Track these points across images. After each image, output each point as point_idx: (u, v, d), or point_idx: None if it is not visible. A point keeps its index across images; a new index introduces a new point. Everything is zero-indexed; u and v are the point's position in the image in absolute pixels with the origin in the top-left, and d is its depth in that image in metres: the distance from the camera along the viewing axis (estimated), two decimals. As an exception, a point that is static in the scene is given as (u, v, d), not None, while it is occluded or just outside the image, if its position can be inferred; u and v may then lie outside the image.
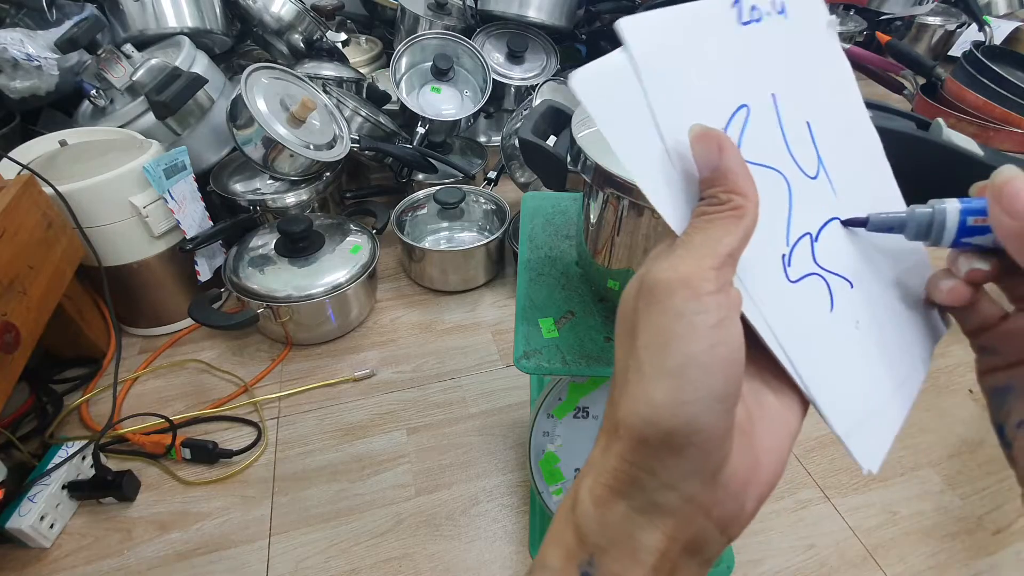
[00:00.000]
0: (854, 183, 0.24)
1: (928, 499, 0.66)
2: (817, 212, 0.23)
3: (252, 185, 0.95)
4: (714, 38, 0.21)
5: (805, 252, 0.22)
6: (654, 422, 0.17)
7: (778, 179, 0.22)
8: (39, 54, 0.83)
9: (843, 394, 0.22)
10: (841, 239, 0.24)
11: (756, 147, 0.21)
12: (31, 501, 0.60)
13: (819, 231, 0.23)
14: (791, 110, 0.22)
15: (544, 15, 1.22)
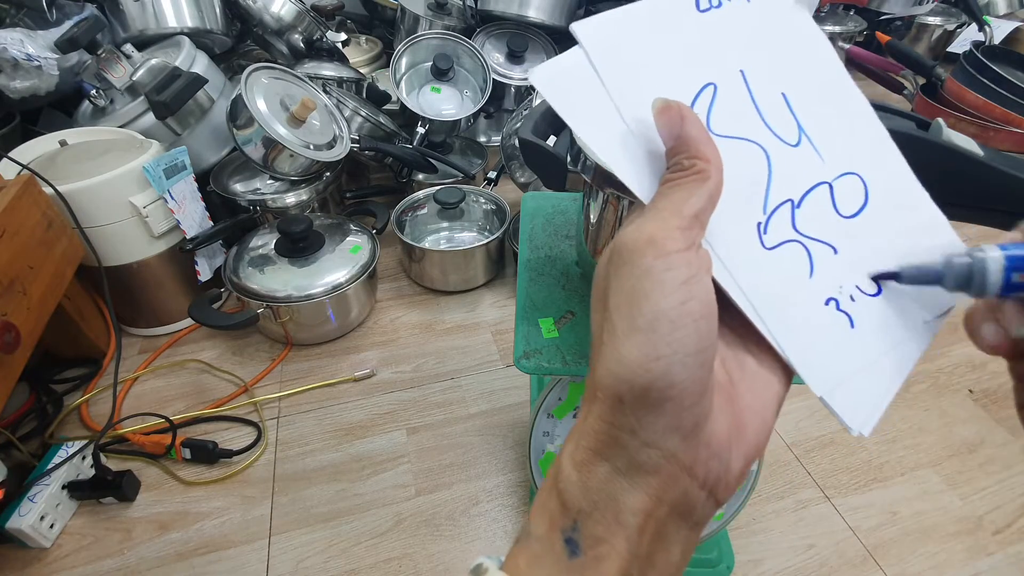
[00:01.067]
0: (843, 147, 0.24)
1: (928, 499, 0.66)
2: (801, 179, 0.23)
3: (252, 185, 0.95)
4: (672, 25, 0.22)
5: (784, 219, 0.23)
6: (628, 379, 0.18)
7: (754, 149, 0.22)
8: (39, 54, 0.83)
9: (823, 354, 0.22)
10: (827, 205, 0.24)
11: (726, 121, 0.22)
12: (31, 501, 0.60)
13: (802, 197, 0.23)
14: (763, 84, 0.23)
15: (544, 15, 1.22)
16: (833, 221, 0.23)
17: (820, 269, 0.23)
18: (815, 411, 0.75)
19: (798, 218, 0.23)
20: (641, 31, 0.22)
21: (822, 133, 0.24)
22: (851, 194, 0.24)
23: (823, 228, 0.23)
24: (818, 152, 0.23)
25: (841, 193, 0.24)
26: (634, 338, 0.18)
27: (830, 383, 0.22)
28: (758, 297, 0.22)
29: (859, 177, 0.24)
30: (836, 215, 0.23)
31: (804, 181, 0.23)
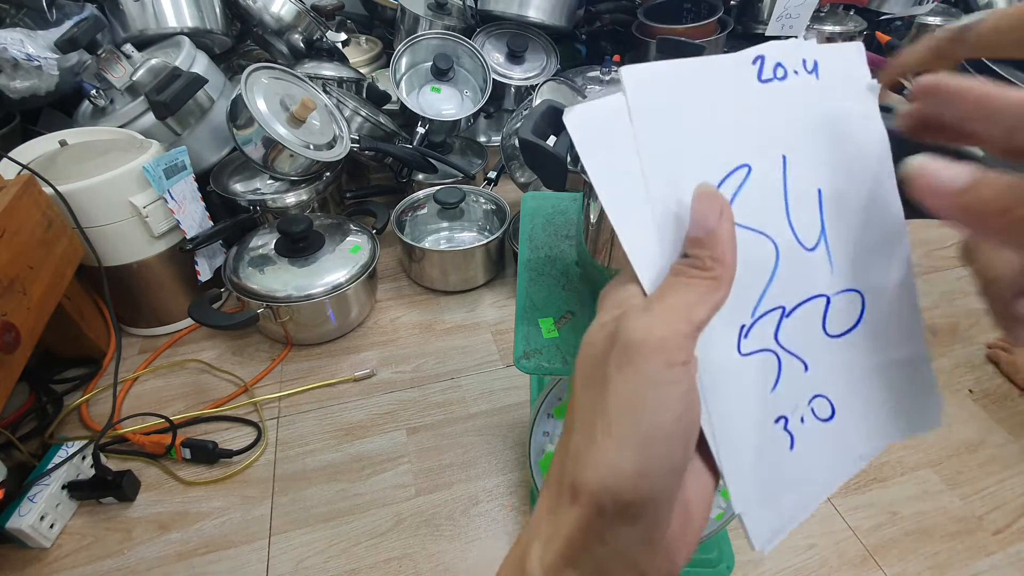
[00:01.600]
0: (858, 261, 0.22)
1: (928, 499, 0.66)
2: (801, 286, 0.21)
3: (252, 185, 0.95)
4: (725, 93, 0.20)
5: (768, 327, 0.21)
6: (616, 492, 0.17)
7: (766, 246, 0.21)
8: (39, 54, 0.83)
9: (755, 470, 0.21)
10: (816, 319, 0.22)
11: (749, 209, 0.20)
12: (31, 501, 0.60)
13: (796, 307, 0.21)
14: (802, 174, 0.21)
15: (544, 15, 1.22)
16: (816, 337, 0.22)
17: (784, 384, 0.22)
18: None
19: (784, 328, 0.21)
20: (691, 92, 0.20)
21: (843, 242, 0.22)
22: (845, 313, 0.22)
23: (803, 343, 0.22)
24: (831, 261, 0.22)
25: (836, 309, 0.22)
26: (631, 451, 0.17)
27: (751, 501, 0.21)
28: (715, 403, 0.20)
29: (860, 296, 0.22)
30: (822, 332, 0.22)
31: (804, 289, 0.21)
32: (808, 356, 0.22)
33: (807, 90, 0.21)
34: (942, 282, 0.98)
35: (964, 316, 0.91)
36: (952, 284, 0.97)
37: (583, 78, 1.26)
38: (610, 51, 1.31)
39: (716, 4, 1.29)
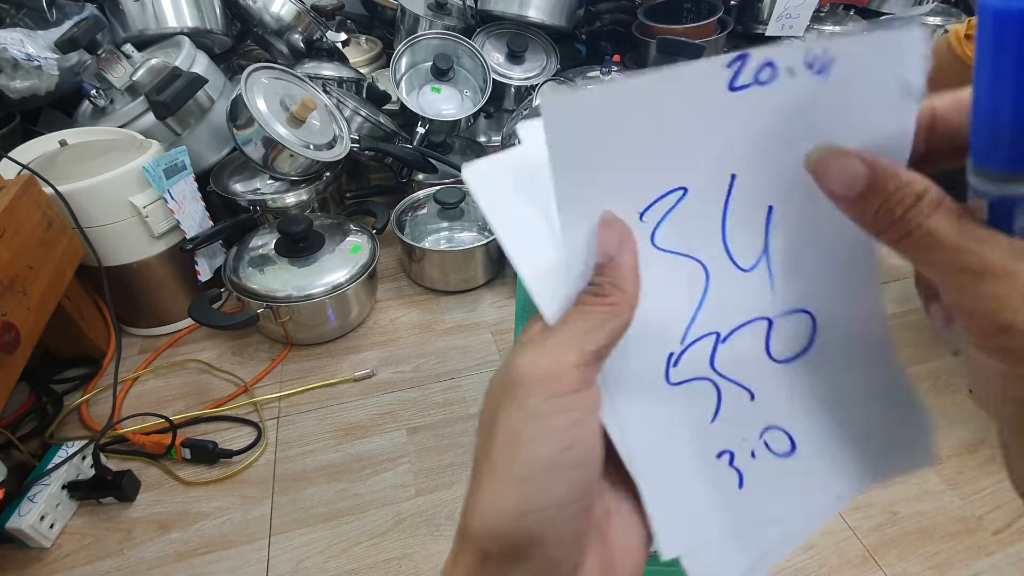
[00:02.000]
0: (806, 281, 0.20)
1: (928, 499, 0.66)
2: (737, 310, 0.20)
3: (252, 185, 0.95)
4: (677, 109, 0.17)
5: (702, 353, 0.20)
6: (498, 533, 0.17)
7: (695, 270, 0.19)
8: (39, 54, 0.83)
9: (692, 513, 0.20)
10: (759, 344, 0.20)
11: (679, 232, 0.19)
12: (31, 501, 0.60)
13: (732, 331, 0.20)
14: (754, 192, 0.18)
15: (544, 15, 1.22)
16: (761, 363, 0.20)
17: (726, 416, 0.20)
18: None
19: (720, 354, 0.20)
20: (626, 115, 0.17)
21: (789, 260, 0.19)
22: (792, 335, 0.20)
23: (746, 369, 0.20)
24: (772, 281, 0.20)
25: (781, 332, 0.20)
26: (510, 489, 0.17)
27: (688, 545, 0.20)
28: (639, 439, 0.19)
29: (810, 317, 0.20)
30: (766, 357, 0.20)
31: (741, 313, 0.20)
32: (754, 384, 0.20)
33: (799, 93, 0.17)
34: (942, 282, 0.97)
35: (964, 316, 0.90)
36: (952, 284, 0.97)
37: (583, 78, 1.26)
38: (610, 51, 1.31)
39: (716, 4, 1.29)
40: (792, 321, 0.20)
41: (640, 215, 0.18)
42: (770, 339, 0.20)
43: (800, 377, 0.20)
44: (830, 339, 0.20)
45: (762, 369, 0.20)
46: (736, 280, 0.19)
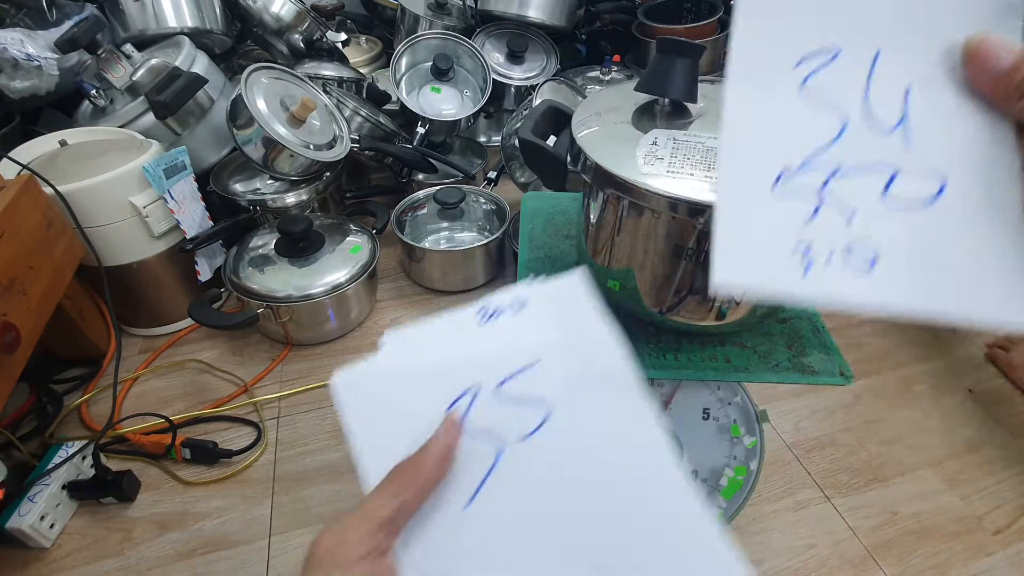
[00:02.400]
0: (944, 152, 0.22)
1: (928, 499, 0.66)
2: (867, 154, 0.22)
3: (252, 185, 0.95)
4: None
5: (816, 178, 0.22)
6: None
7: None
8: (39, 54, 0.83)
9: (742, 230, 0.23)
10: (878, 184, 0.22)
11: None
12: (31, 501, 0.60)
13: (854, 168, 0.23)
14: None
15: (544, 15, 1.22)
16: (872, 200, 0.22)
17: (819, 222, 0.23)
18: (815, 411, 0.75)
19: (832, 182, 0.23)
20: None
21: (928, 130, 0.22)
22: (917, 189, 0.22)
23: (854, 199, 0.22)
24: (908, 143, 0.22)
25: (904, 183, 0.22)
26: None
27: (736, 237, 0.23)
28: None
29: (941, 177, 0.22)
30: (879, 197, 0.23)
31: (869, 157, 0.22)
32: (857, 209, 0.22)
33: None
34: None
35: (964, 316, 0.90)
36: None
37: (583, 78, 1.26)
38: (610, 51, 1.31)
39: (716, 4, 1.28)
40: (921, 177, 0.22)
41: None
42: (891, 185, 0.22)
43: (911, 223, 0.22)
44: (956, 201, 0.22)
45: (871, 205, 0.22)
46: (872, 133, 0.22)
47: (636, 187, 0.33)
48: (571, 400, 0.27)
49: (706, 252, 0.35)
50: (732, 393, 0.44)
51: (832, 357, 0.41)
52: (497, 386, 0.27)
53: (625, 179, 0.33)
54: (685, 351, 0.41)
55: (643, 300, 0.39)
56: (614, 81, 1.25)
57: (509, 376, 0.27)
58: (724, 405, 0.44)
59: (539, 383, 0.27)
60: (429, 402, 0.27)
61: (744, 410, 0.45)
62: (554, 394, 0.27)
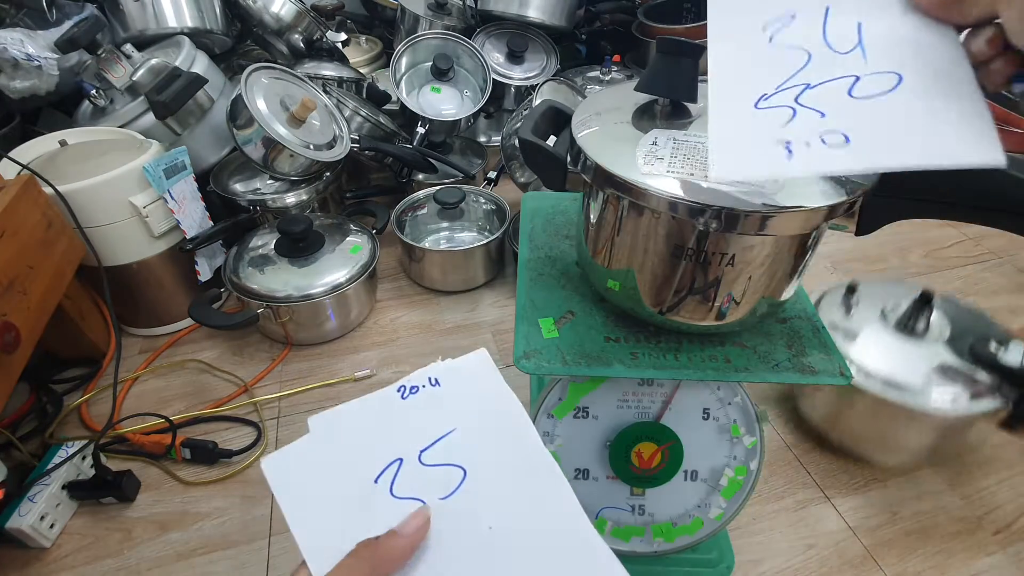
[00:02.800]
0: (896, 59, 0.26)
1: (928, 499, 0.66)
2: (832, 72, 0.26)
3: (252, 185, 0.95)
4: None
5: (789, 96, 0.27)
6: None
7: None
8: (39, 54, 0.83)
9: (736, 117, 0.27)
10: (843, 87, 0.26)
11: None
12: (31, 501, 0.60)
13: (822, 82, 0.27)
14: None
15: (544, 15, 1.22)
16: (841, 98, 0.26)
17: (795, 123, 0.26)
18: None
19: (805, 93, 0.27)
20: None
21: (880, 47, 0.27)
22: (877, 84, 0.26)
23: (824, 104, 0.26)
24: (865, 56, 0.26)
25: (866, 83, 0.26)
26: None
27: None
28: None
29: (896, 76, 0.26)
30: (847, 95, 0.26)
31: (834, 72, 0.26)
32: (827, 111, 0.26)
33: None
34: (942, 282, 0.98)
35: (964, 316, 0.91)
36: (952, 284, 0.97)
37: (583, 78, 1.26)
38: (610, 51, 1.31)
39: (716, 4, 1.28)
40: (880, 77, 0.26)
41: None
42: (854, 87, 0.26)
43: (877, 107, 0.25)
44: (915, 83, 0.25)
45: (839, 104, 0.26)
46: (833, 57, 0.27)
47: (636, 187, 0.33)
48: (483, 460, 0.30)
49: (706, 252, 0.35)
50: (732, 393, 0.44)
51: (832, 357, 0.41)
52: (419, 454, 0.30)
53: (625, 179, 0.33)
54: (685, 351, 0.41)
55: (643, 300, 0.39)
56: (614, 81, 1.25)
57: (429, 445, 0.30)
58: (724, 405, 0.44)
59: (455, 449, 0.31)
60: (358, 476, 0.29)
61: (744, 410, 0.45)
62: (469, 456, 0.30)
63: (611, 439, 0.45)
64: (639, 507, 0.48)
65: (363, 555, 0.26)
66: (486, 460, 0.30)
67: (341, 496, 0.29)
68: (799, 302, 0.46)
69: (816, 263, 1.02)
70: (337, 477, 0.29)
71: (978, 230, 1.07)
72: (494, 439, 0.31)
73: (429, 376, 0.33)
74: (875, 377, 0.60)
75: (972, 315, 0.66)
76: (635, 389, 0.44)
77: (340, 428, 0.31)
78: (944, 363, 0.59)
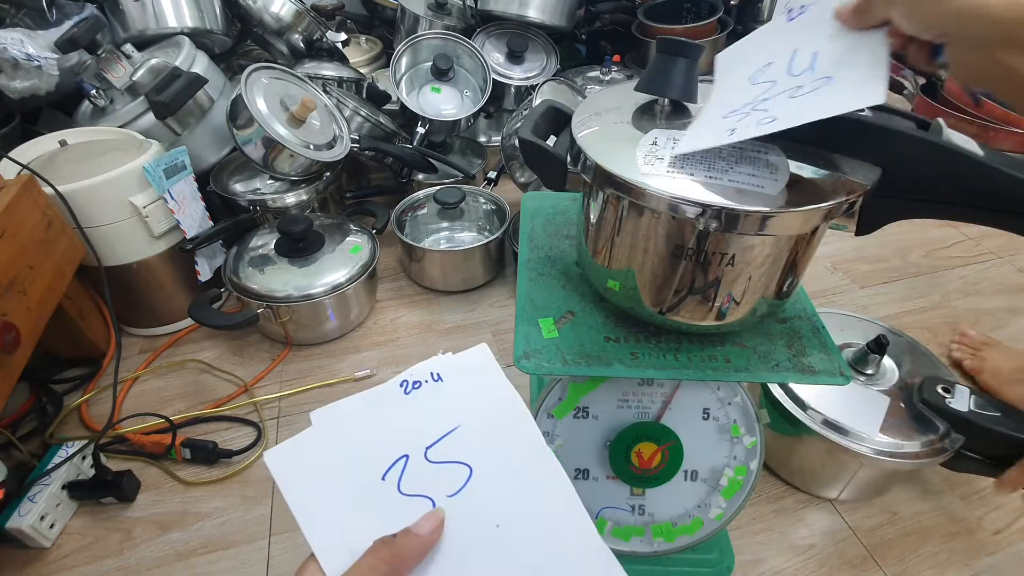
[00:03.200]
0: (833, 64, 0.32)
1: (928, 499, 0.66)
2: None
3: (252, 185, 0.95)
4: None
5: (765, 89, 0.34)
6: None
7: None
8: (39, 54, 0.83)
9: None
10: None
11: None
12: (31, 501, 0.60)
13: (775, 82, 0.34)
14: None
15: (544, 15, 1.22)
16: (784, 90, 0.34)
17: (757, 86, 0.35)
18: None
19: (770, 91, 0.33)
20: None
21: (824, 61, 0.32)
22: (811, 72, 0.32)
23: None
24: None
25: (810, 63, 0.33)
26: None
27: None
28: None
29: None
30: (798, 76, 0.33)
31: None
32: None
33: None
34: (942, 282, 0.98)
35: (964, 316, 0.91)
36: (952, 284, 0.97)
37: (583, 78, 1.26)
38: (610, 51, 1.31)
39: (716, 4, 1.29)
40: (817, 81, 0.32)
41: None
42: (796, 91, 0.32)
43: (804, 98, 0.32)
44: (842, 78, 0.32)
45: (781, 105, 0.32)
46: (791, 77, 0.33)
47: (636, 187, 0.33)
48: (487, 457, 0.31)
49: (706, 252, 0.35)
50: (732, 393, 0.44)
51: (832, 357, 0.41)
52: (425, 452, 0.31)
53: (625, 179, 0.33)
54: (685, 351, 0.41)
55: (643, 300, 0.39)
56: (614, 81, 1.25)
57: (434, 442, 0.31)
58: (724, 405, 0.44)
59: (460, 445, 0.31)
60: (364, 471, 0.30)
61: (744, 410, 0.45)
62: (474, 453, 0.31)
63: (611, 439, 0.45)
64: (639, 507, 0.48)
65: (382, 554, 0.26)
66: (490, 457, 0.31)
67: (348, 492, 0.29)
68: (799, 302, 0.46)
69: (816, 263, 1.02)
70: (342, 472, 0.29)
71: (978, 230, 1.07)
72: (498, 435, 0.31)
73: (431, 371, 0.34)
74: (822, 418, 0.60)
75: (922, 358, 0.66)
76: (635, 389, 0.44)
77: (343, 423, 0.31)
78: (892, 407, 0.60)
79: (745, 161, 0.34)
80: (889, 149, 0.33)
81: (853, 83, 0.31)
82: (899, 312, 0.91)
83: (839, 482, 0.63)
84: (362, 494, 0.29)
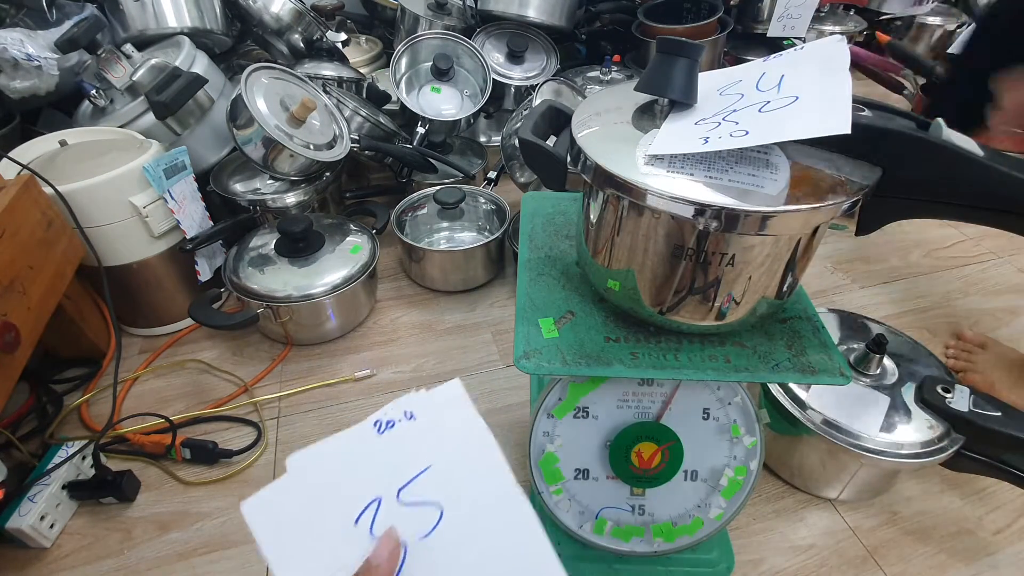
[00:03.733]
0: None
1: (928, 499, 0.66)
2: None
3: (252, 185, 0.95)
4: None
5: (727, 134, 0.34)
6: None
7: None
8: (39, 54, 0.83)
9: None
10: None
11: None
12: (31, 501, 0.60)
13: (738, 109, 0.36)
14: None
15: (544, 15, 1.22)
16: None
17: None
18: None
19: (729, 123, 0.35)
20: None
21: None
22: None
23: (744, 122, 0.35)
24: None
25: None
26: None
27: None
28: None
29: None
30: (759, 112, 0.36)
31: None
32: (746, 126, 0.35)
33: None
34: (942, 282, 0.98)
35: (964, 316, 0.91)
36: (952, 284, 0.97)
37: (583, 78, 1.26)
38: (610, 51, 1.31)
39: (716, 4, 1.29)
40: (783, 99, 0.35)
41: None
42: (764, 106, 0.35)
43: (773, 114, 0.35)
44: (807, 97, 0.35)
45: (750, 118, 0.35)
46: (759, 94, 0.37)
47: (636, 187, 0.33)
48: (458, 497, 0.31)
49: (706, 252, 0.35)
50: (732, 393, 0.44)
51: (832, 357, 0.41)
52: (397, 493, 0.31)
53: (625, 179, 0.33)
54: (685, 351, 0.41)
55: (643, 300, 0.39)
56: (614, 81, 1.25)
57: (406, 483, 0.31)
58: (724, 405, 0.44)
59: (431, 486, 0.31)
60: (338, 516, 0.30)
61: (744, 410, 0.45)
62: (445, 493, 0.31)
63: (611, 439, 0.45)
64: (639, 507, 0.48)
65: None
66: (460, 497, 0.31)
67: (322, 538, 0.29)
68: (799, 302, 0.46)
69: (816, 263, 1.02)
70: (317, 518, 0.30)
71: (978, 230, 1.07)
72: (469, 474, 0.31)
73: (404, 410, 0.33)
74: (822, 418, 0.60)
75: (922, 358, 0.66)
76: (635, 389, 0.44)
77: (318, 467, 0.31)
78: (892, 407, 0.60)
79: (745, 161, 0.34)
80: (889, 149, 0.33)
81: (819, 109, 0.33)
82: (899, 312, 0.91)
83: (839, 482, 0.63)
84: (335, 540, 0.29)
